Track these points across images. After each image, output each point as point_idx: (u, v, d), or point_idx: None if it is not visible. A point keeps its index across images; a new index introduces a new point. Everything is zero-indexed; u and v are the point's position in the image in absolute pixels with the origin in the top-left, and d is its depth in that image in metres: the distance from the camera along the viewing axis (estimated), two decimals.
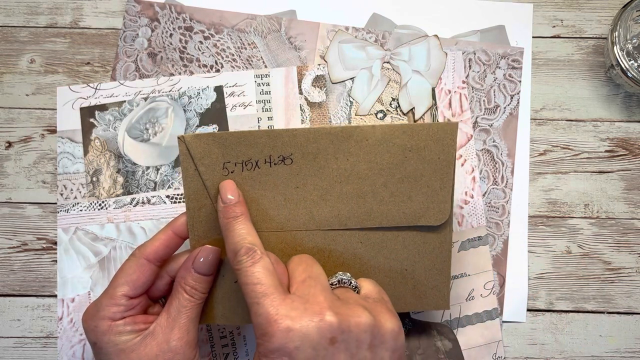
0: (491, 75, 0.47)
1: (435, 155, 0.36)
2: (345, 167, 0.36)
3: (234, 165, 0.36)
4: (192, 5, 0.48)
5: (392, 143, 0.36)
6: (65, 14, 0.49)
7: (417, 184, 0.36)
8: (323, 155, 0.36)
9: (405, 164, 0.36)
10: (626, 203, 0.47)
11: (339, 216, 0.37)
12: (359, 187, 0.37)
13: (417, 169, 0.36)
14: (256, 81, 0.47)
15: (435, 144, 0.36)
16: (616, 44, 0.44)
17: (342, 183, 0.37)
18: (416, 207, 0.37)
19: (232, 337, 0.45)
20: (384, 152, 0.36)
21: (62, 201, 0.46)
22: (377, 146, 0.36)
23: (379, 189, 0.37)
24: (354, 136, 0.36)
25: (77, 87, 0.47)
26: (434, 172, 0.36)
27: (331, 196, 0.37)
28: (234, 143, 0.36)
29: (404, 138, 0.36)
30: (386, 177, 0.36)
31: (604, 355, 0.45)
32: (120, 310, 0.35)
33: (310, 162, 0.36)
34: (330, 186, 0.37)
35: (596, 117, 0.48)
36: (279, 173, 0.36)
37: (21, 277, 0.46)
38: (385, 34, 0.48)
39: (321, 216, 0.37)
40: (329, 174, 0.37)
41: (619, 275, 0.46)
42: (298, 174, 0.36)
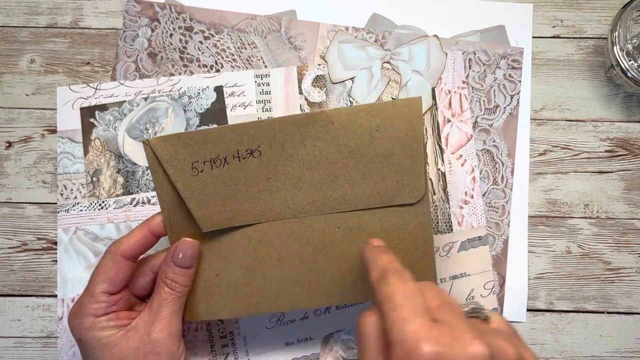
0: (491, 75, 0.47)
1: (402, 132, 0.36)
2: (314, 153, 0.36)
3: (202, 164, 0.36)
4: (192, 5, 0.48)
5: (358, 124, 0.36)
6: (65, 14, 0.49)
7: (388, 163, 0.36)
8: (290, 143, 0.36)
9: (373, 144, 0.36)
10: (626, 203, 0.47)
11: (314, 202, 0.37)
12: (330, 172, 0.36)
13: (386, 148, 0.36)
14: (256, 81, 0.47)
15: (402, 121, 0.36)
16: (616, 44, 0.44)
17: (312, 170, 0.36)
18: (390, 187, 0.36)
19: (232, 337, 0.45)
20: (350, 134, 0.36)
21: (62, 201, 0.46)
22: (344, 129, 0.36)
23: (351, 171, 0.36)
24: (318, 121, 0.36)
25: (77, 87, 0.47)
26: (404, 150, 0.36)
27: (304, 184, 0.37)
28: (199, 142, 0.36)
29: (369, 118, 0.36)
30: (356, 159, 0.36)
31: (604, 355, 0.45)
32: (102, 307, 0.36)
33: (278, 152, 0.36)
34: (301, 174, 0.37)
35: (596, 117, 0.48)
36: (248, 166, 0.36)
37: (21, 277, 0.46)
38: (385, 34, 0.48)
39: (296, 204, 0.37)
40: (299, 161, 0.36)
41: (619, 275, 0.46)
42: (268, 165, 0.36)
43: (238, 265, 0.38)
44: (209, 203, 0.36)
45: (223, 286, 0.38)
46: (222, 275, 0.38)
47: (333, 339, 0.45)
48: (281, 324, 0.45)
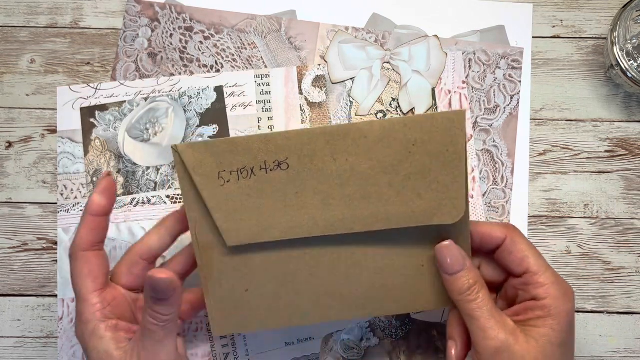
0: (491, 76, 0.47)
1: (442, 147, 0.33)
2: (345, 168, 0.34)
3: (229, 174, 0.34)
4: (192, 6, 0.48)
5: (393, 138, 0.33)
6: (65, 14, 0.49)
7: (426, 181, 0.34)
8: (320, 157, 0.34)
9: (409, 159, 0.33)
10: (626, 203, 0.47)
11: (344, 220, 0.35)
12: (362, 188, 0.34)
13: (423, 165, 0.33)
14: (256, 81, 0.47)
15: (442, 136, 0.33)
16: (616, 44, 0.44)
17: (343, 186, 0.34)
18: (427, 206, 0.34)
19: (232, 337, 0.45)
20: (385, 149, 0.33)
21: (63, 201, 0.46)
22: (377, 143, 0.33)
23: (384, 188, 0.34)
24: (350, 134, 0.33)
25: (77, 87, 0.47)
26: (443, 166, 0.33)
27: (334, 200, 0.34)
28: (227, 150, 0.34)
29: (406, 132, 0.33)
30: (391, 176, 0.34)
31: (603, 355, 0.45)
32: (98, 308, 0.34)
33: (307, 165, 0.34)
34: (331, 189, 0.34)
35: (596, 117, 0.48)
36: (276, 179, 0.34)
37: (21, 277, 0.46)
38: (385, 34, 0.48)
39: (325, 221, 0.35)
40: (329, 176, 0.34)
41: (619, 275, 0.46)
42: (296, 179, 0.34)
43: (268, 280, 0.37)
44: (234, 216, 0.35)
45: (253, 301, 0.37)
46: (251, 290, 0.37)
47: (333, 339, 0.45)
48: None
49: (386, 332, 0.45)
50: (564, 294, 0.34)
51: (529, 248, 0.35)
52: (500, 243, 0.35)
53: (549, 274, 0.34)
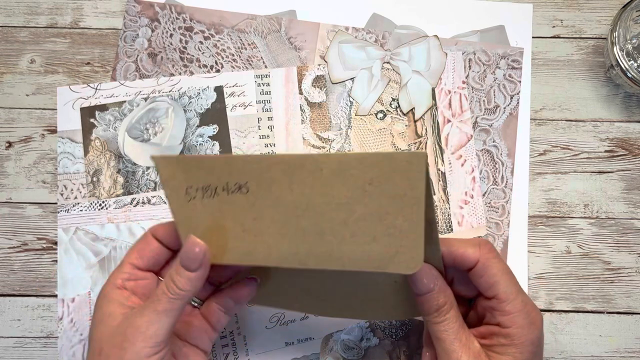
0: (491, 76, 0.47)
1: (400, 190, 0.30)
2: (301, 200, 0.32)
3: (195, 190, 0.34)
4: (192, 6, 0.48)
5: (350, 174, 0.31)
6: (65, 14, 0.49)
7: (382, 224, 0.31)
8: (278, 185, 0.32)
9: (365, 199, 0.31)
10: (626, 203, 0.47)
11: (298, 254, 0.33)
12: (316, 223, 0.32)
13: (380, 206, 0.31)
14: (256, 81, 0.47)
15: (400, 178, 0.30)
16: (616, 44, 0.44)
17: (299, 217, 0.32)
18: (382, 251, 0.31)
19: (232, 337, 0.45)
20: (340, 185, 0.31)
21: (62, 201, 0.46)
22: (333, 177, 0.31)
23: (338, 226, 0.32)
24: (306, 165, 0.32)
25: (77, 87, 0.47)
26: (400, 211, 0.31)
27: (289, 231, 0.33)
28: (195, 167, 0.33)
29: (362, 169, 0.31)
30: (345, 214, 0.32)
31: (603, 355, 0.45)
32: (123, 277, 0.35)
33: (265, 192, 0.33)
34: (287, 220, 0.33)
35: (596, 117, 0.48)
36: (236, 202, 0.33)
37: (21, 277, 0.46)
38: (385, 34, 0.48)
39: (279, 252, 0.33)
40: (286, 206, 0.33)
41: (619, 275, 0.46)
42: (254, 205, 0.33)
43: None
44: (196, 233, 0.34)
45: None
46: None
47: (333, 339, 0.45)
48: (281, 324, 0.45)
49: (386, 332, 0.45)
50: (530, 323, 0.33)
51: (501, 273, 0.34)
52: (473, 265, 0.34)
53: (517, 302, 0.33)
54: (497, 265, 0.34)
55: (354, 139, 0.47)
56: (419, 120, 0.47)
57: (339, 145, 0.47)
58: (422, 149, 0.47)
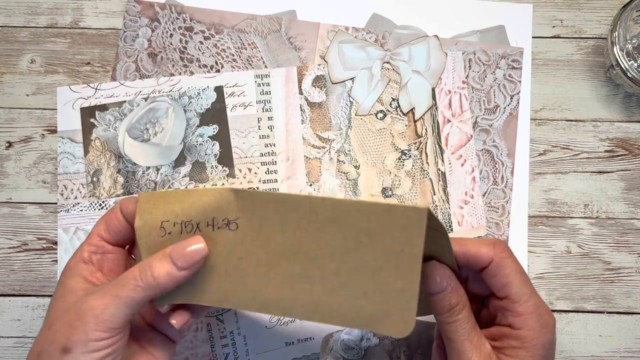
0: (491, 76, 0.47)
1: (397, 246, 0.29)
2: (292, 243, 0.30)
3: (172, 225, 0.32)
4: (192, 6, 0.48)
5: (345, 222, 0.29)
6: (65, 14, 0.49)
7: (375, 279, 0.29)
8: (270, 224, 0.31)
9: (360, 250, 0.29)
10: (626, 203, 0.47)
11: (283, 301, 0.31)
12: (306, 269, 0.30)
13: (375, 260, 0.29)
14: (256, 81, 0.47)
15: (399, 233, 0.29)
16: (616, 44, 0.44)
17: (288, 261, 0.31)
18: (373, 309, 0.29)
19: (232, 337, 0.45)
20: (335, 232, 0.30)
21: (63, 201, 0.46)
22: (328, 224, 0.30)
23: (329, 275, 0.30)
24: (302, 207, 0.30)
25: (77, 87, 0.47)
26: (396, 268, 0.29)
27: (276, 275, 0.31)
28: (176, 201, 0.32)
29: (360, 218, 0.29)
30: (338, 263, 0.30)
31: (603, 355, 0.45)
32: (90, 250, 0.33)
33: (255, 230, 0.31)
34: (276, 263, 0.31)
35: (596, 117, 0.48)
36: (221, 239, 0.32)
37: (21, 277, 0.46)
38: (385, 34, 0.48)
39: (264, 297, 0.31)
40: (275, 248, 0.31)
41: (619, 275, 0.46)
42: (242, 243, 0.31)
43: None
44: None
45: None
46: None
47: (333, 339, 0.45)
48: (281, 324, 0.45)
49: None
50: (542, 325, 0.33)
51: (515, 273, 0.34)
52: (487, 264, 0.34)
53: (530, 303, 0.33)
54: (510, 266, 0.34)
55: (354, 139, 0.47)
56: (419, 120, 0.47)
57: (339, 145, 0.47)
58: (422, 149, 0.47)
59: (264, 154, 0.47)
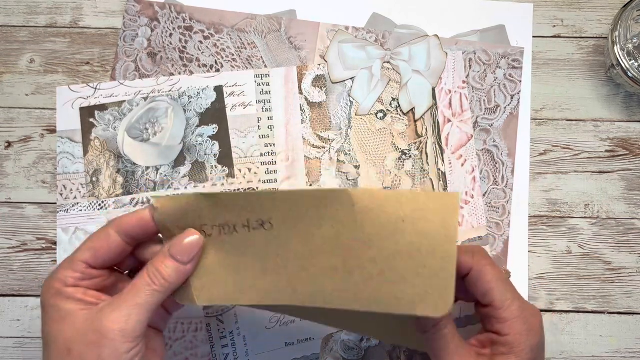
0: (491, 75, 0.47)
1: (434, 228, 0.30)
2: (330, 236, 0.31)
3: (211, 228, 0.33)
4: (192, 5, 0.48)
5: (383, 211, 0.30)
6: (65, 13, 0.49)
7: (412, 263, 0.30)
8: (305, 221, 0.31)
9: (397, 236, 0.30)
10: (626, 203, 0.46)
11: (323, 292, 0.32)
12: (345, 260, 0.31)
13: (412, 244, 0.30)
14: (256, 81, 0.47)
15: (434, 216, 0.30)
16: (617, 43, 0.44)
17: (326, 254, 0.31)
18: (411, 291, 0.30)
19: (232, 337, 0.45)
20: (373, 221, 0.31)
21: (62, 201, 0.46)
22: (366, 213, 0.31)
23: (367, 263, 0.31)
24: (338, 200, 0.31)
25: (76, 87, 0.47)
26: (433, 250, 0.30)
27: (315, 268, 0.32)
28: (209, 206, 0.32)
29: (396, 206, 0.30)
30: (375, 250, 0.31)
31: (604, 355, 0.45)
32: (76, 276, 0.32)
33: (291, 227, 0.32)
34: (313, 256, 0.32)
35: (596, 117, 0.48)
36: (257, 239, 0.32)
37: (21, 277, 0.46)
38: (385, 34, 0.48)
39: (304, 290, 0.32)
40: (313, 242, 0.32)
41: (620, 275, 0.46)
42: (278, 241, 0.32)
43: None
44: (210, 273, 0.33)
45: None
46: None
47: (333, 339, 0.45)
48: (281, 324, 0.45)
49: None
50: (528, 329, 0.33)
51: (496, 279, 0.34)
52: (467, 272, 0.34)
53: (514, 308, 0.33)
54: (491, 272, 0.34)
55: (354, 139, 0.47)
56: (419, 120, 0.47)
57: (339, 145, 0.47)
58: (422, 148, 0.47)
59: (263, 154, 0.47)
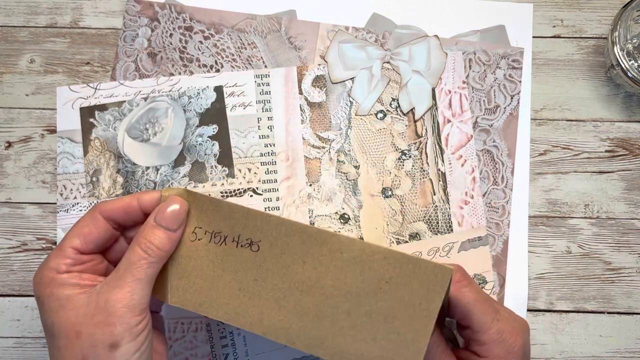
0: (491, 76, 0.47)
1: (415, 299, 0.30)
2: (310, 276, 0.31)
3: (203, 232, 0.33)
4: (192, 5, 0.48)
5: (369, 267, 0.30)
6: (65, 13, 0.49)
7: (386, 326, 0.30)
8: (291, 254, 0.32)
9: (377, 296, 0.30)
10: (626, 203, 0.47)
11: (289, 330, 0.32)
12: (319, 305, 0.31)
13: (390, 308, 0.30)
14: (256, 81, 0.47)
15: (420, 286, 0.30)
16: (616, 43, 0.44)
17: (302, 293, 0.32)
18: (379, 354, 0.30)
19: (232, 337, 0.45)
20: (356, 274, 0.31)
21: (62, 201, 0.46)
22: (351, 264, 0.31)
23: (340, 315, 0.31)
24: (328, 243, 0.31)
25: (76, 87, 0.47)
26: (410, 319, 0.30)
27: (287, 303, 0.32)
28: (210, 209, 0.33)
29: (384, 265, 0.30)
30: (352, 304, 0.31)
31: (604, 355, 0.45)
32: (67, 263, 0.32)
33: (276, 256, 0.32)
34: (289, 292, 0.32)
35: (596, 117, 0.48)
36: (242, 257, 0.33)
37: (21, 277, 0.46)
38: (385, 34, 0.48)
39: (270, 323, 0.32)
40: (292, 277, 0.32)
41: (619, 275, 0.46)
42: (260, 266, 0.32)
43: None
44: (189, 276, 0.33)
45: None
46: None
47: None
48: None
49: None
50: (507, 352, 0.33)
51: (474, 302, 0.33)
52: None
53: (492, 331, 0.33)
54: (468, 295, 0.34)
55: (354, 139, 0.47)
56: (419, 120, 0.47)
57: (339, 145, 0.47)
58: (422, 149, 0.47)
59: (263, 154, 0.47)
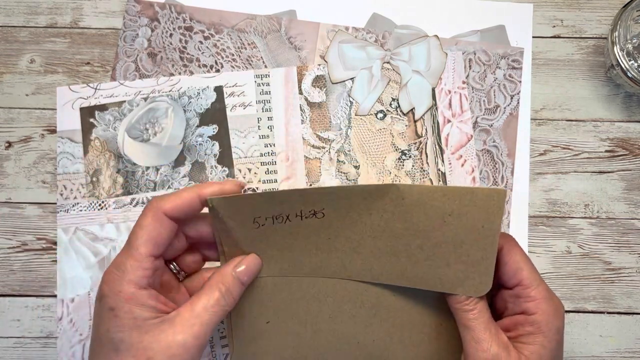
0: (491, 76, 0.47)
1: (478, 222, 0.33)
2: (379, 223, 0.34)
3: (264, 219, 0.35)
4: (192, 5, 0.48)
5: (430, 205, 0.33)
6: (65, 14, 0.49)
7: (456, 252, 0.33)
8: (356, 210, 0.34)
9: (443, 228, 0.33)
10: (626, 203, 0.47)
11: (372, 270, 0.35)
12: (392, 245, 0.34)
13: (456, 235, 0.33)
14: (256, 81, 0.47)
15: (479, 211, 0.32)
16: (616, 44, 0.44)
17: (375, 238, 0.34)
18: (454, 276, 0.34)
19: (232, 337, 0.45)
20: (421, 214, 0.33)
21: (62, 201, 0.46)
22: (414, 206, 0.33)
23: (414, 250, 0.34)
24: (389, 194, 0.33)
25: (77, 87, 0.47)
26: (475, 241, 0.33)
27: (364, 249, 0.35)
28: (263, 202, 0.34)
29: (444, 201, 0.33)
30: (422, 240, 0.34)
31: (604, 355, 0.45)
32: (147, 274, 0.32)
33: (342, 217, 0.34)
34: (362, 239, 0.35)
35: (596, 117, 0.48)
36: (310, 225, 0.35)
37: (21, 277, 0.46)
38: (385, 34, 0.48)
39: (353, 267, 0.35)
40: (362, 228, 0.34)
41: (619, 275, 0.46)
42: (330, 227, 0.35)
43: (290, 316, 0.37)
44: (266, 252, 0.36)
45: (272, 333, 0.38)
46: (272, 323, 0.37)
47: None
48: None
49: None
50: (555, 310, 0.33)
51: (524, 260, 0.34)
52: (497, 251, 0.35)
53: (542, 288, 0.34)
54: (520, 253, 0.35)
55: (354, 139, 0.47)
56: (419, 120, 0.47)
57: (339, 145, 0.47)
58: (422, 149, 0.47)
59: (263, 154, 0.47)
